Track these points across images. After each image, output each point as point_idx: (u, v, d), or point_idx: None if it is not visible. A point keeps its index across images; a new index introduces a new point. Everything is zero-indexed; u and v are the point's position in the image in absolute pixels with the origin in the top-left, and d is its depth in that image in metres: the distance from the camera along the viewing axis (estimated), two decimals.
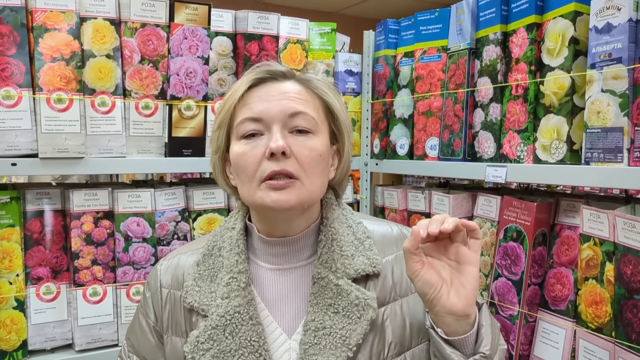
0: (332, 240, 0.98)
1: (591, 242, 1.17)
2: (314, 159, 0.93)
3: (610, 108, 1.11)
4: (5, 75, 1.30)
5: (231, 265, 0.97)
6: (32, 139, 1.34)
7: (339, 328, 0.92)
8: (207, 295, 0.96)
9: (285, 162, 0.91)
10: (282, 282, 0.99)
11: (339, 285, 0.94)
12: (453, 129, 1.53)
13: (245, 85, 0.95)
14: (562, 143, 1.23)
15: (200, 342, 0.93)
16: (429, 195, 1.63)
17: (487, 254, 1.42)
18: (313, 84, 0.99)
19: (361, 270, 0.96)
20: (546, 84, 1.27)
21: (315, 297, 0.95)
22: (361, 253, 0.99)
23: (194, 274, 1.00)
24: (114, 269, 1.47)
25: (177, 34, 1.50)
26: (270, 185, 0.91)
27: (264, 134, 0.93)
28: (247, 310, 0.94)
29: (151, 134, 1.50)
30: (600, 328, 1.16)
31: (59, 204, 1.44)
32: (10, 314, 1.35)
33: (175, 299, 1.01)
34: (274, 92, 0.95)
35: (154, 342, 1.02)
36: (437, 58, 1.62)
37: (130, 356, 1.04)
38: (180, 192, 1.56)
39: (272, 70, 0.97)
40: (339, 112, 1.00)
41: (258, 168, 0.92)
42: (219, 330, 0.93)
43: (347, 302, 0.93)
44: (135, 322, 1.06)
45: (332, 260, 0.96)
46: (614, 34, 1.10)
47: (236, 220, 1.03)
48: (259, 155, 0.92)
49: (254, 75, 0.97)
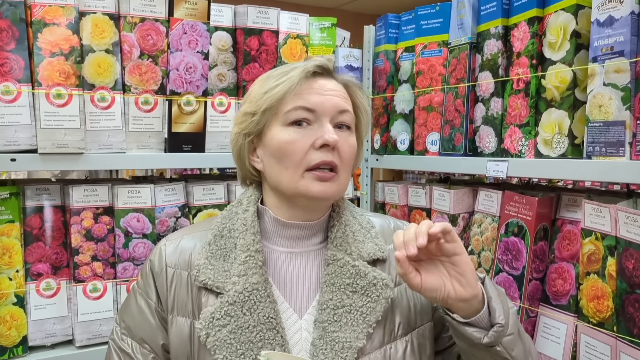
0: (345, 226, 1.04)
1: (593, 237, 1.17)
2: (352, 154, 1.02)
3: (612, 102, 1.10)
4: (4, 71, 1.30)
5: (247, 245, 0.99)
6: (32, 135, 1.33)
7: (359, 306, 0.97)
8: (221, 274, 0.98)
9: (332, 154, 0.97)
10: (294, 265, 1.03)
11: (356, 266, 0.99)
12: (454, 124, 1.53)
13: (301, 77, 0.98)
14: (564, 137, 1.23)
15: (216, 319, 0.94)
16: (429, 191, 1.62)
17: (488, 249, 1.42)
18: (350, 88, 1.05)
19: (372, 254, 1.03)
20: (547, 78, 1.26)
21: (331, 277, 0.99)
22: (369, 240, 1.06)
23: (205, 253, 1.01)
24: (114, 265, 1.46)
25: (176, 29, 1.49)
26: (316, 176, 0.97)
27: (311, 124, 0.98)
28: (265, 287, 0.97)
29: (151, 130, 1.50)
30: (601, 323, 1.15)
31: (59, 199, 1.44)
32: (10, 310, 1.35)
33: (181, 279, 1.02)
34: (327, 88, 1.00)
35: (154, 323, 1.03)
36: (437, 53, 1.62)
37: (124, 339, 1.04)
38: (180, 187, 1.56)
39: (323, 66, 1.02)
40: (365, 115, 1.08)
41: (305, 157, 0.97)
42: (237, 306, 0.95)
43: (365, 282, 0.99)
44: (132, 303, 1.06)
45: (347, 244, 1.02)
46: (616, 27, 1.10)
47: (249, 203, 1.05)
48: (307, 144, 0.97)
49: (308, 68, 1.00)
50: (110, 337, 1.07)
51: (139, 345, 1.03)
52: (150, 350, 1.02)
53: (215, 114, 1.57)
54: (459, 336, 0.97)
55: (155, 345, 1.02)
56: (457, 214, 1.52)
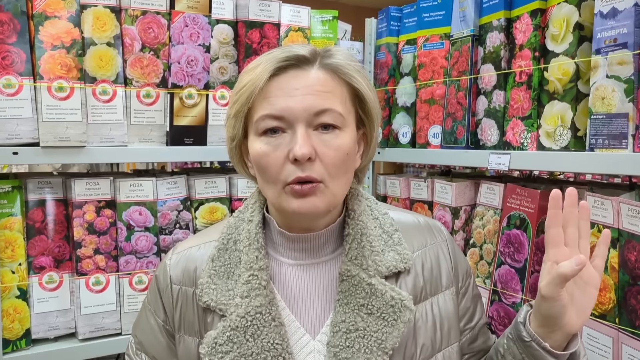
0: (361, 235, 0.92)
1: (595, 229, 1.17)
2: (340, 159, 0.87)
3: (615, 94, 1.10)
4: (5, 64, 1.29)
5: (250, 262, 0.90)
6: (34, 128, 1.33)
7: (374, 330, 0.87)
8: (224, 294, 0.90)
9: (310, 167, 0.84)
10: (305, 279, 0.94)
11: (372, 285, 0.89)
12: (456, 116, 1.53)
13: (266, 74, 0.86)
14: (566, 130, 1.23)
15: (219, 344, 0.87)
16: (431, 184, 1.62)
17: (490, 242, 1.42)
18: (341, 69, 0.89)
19: (393, 267, 0.92)
20: (550, 70, 1.26)
21: (344, 296, 0.90)
22: (391, 248, 0.94)
23: (209, 270, 0.93)
24: (117, 258, 1.46)
25: (178, 22, 1.49)
26: (294, 191, 0.85)
27: (286, 132, 0.86)
28: (269, 310, 0.88)
29: (152, 123, 1.50)
30: (603, 315, 1.15)
31: (61, 193, 1.44)
32: (13, 303, 1.35)
33: (187, 297, 0.95)
34: (297, 85, 0.86)
35: (164, 341, 0.97)
36: (439, 45, 1.61)
37: (138, 354, 0.99)
38: (182, 181, 1.56)
39: (293, 55, 0.87)
40: (369, 97, 0.92)
41: (281, 171, 0.86)
42: (240, 332, 0.87)
43: (381, 303, 0.88)
44: (143, 319, 1.01)
45: (363, 257, 0.90)
46: (620, 19, 1.09)
47: (253, 212, 0.96)
48: (281, 158, 0.85)
49: (274, 63, 0.86)
50: (126, 351, 1.03)
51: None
52: None
53: (217, 107, 1.57)
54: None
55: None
56: (459, 206, 1.52)
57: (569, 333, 0.88)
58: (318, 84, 0.86)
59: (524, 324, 0.91)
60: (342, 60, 0.90)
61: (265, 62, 0.87)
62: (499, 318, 1.35)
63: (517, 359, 0.91)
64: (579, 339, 0.91)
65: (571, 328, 0.87)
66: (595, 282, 0.87)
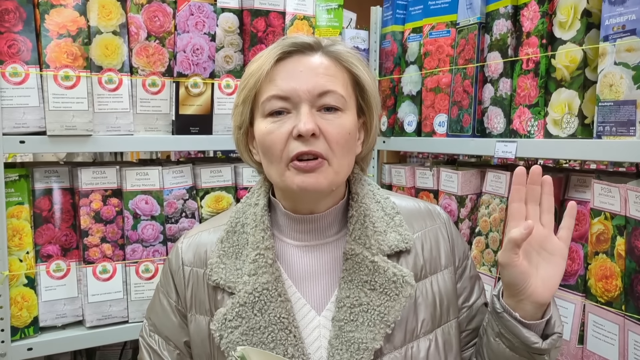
0: (364, 217, 0.96)
1: (602, 217, 1.17)
2: (343, 137, 0.91)
3: (623, 81, 1.10)
4: (12, 52, 1.29)
5: (257, 242, 0.95)
6: (40, 117, 1.33)
7: (377, 305, 0.91)
8: (232, 273, 0.95)
9: (314, 142, 0.88)
10: (310, 259, 0.98)
11: (375, 262, 0.93)
12: (462, 105, 1.52)
13: (272, 59, 0.90)
14: (574, 117, 1.22)
15: (228, 320, 0.91)
16: (437, 172, 1.62)
17: (496, 230, 1.42)
18: (342, 56, 0.94)
19: (394, 247, 0.96)
20: (557, 57, 1.25)
21: (349, 273, 0.94)
22: (392, 229, 0.98)
23: (218, 251, 0.98)
24: (123, 246, 1.47)
25: (183, 10, 1.48)
26: (298, 167, 0.89)
27: (291, 112, 0.90)
28: (276, 286, 0.92)
29: (158, 112, 1.50)
30: (610, 302, 1.16)
31: (67, 182, 1.44)
32: (21, 291, 1.36)
33: (198, 277, 0.99)
34: (302, 68, 0.91)
35: (176, 321, 1.01)
36: (445, 33, 1.61)
37: (152, 335, 1.03)
38: (187, 170, 1.56)
39: (298, 42, 0.92)
40: (368, 85, 0.96)
41: (285, 148, 0.90)
42: (248, 307, 0.91)
43: (384, 279, 0.92)
44: (156, 301, 1.05)
45: (366, 237, 0.95)
46: (628, 5, 1.09)
47: (259, 196, 1.01)
48: (285, 135, 0.89)
49: (280, 48, 0.91)
50: (140, 333, 1.06)
51: (164, 342, 1.02)
52: (175, 347, 1.01)
53: (222, 96, 1.57)
54: (507, 336, 0.91)
55: (178, 343, 1.01)
56: (465, 195, 1.52)
57: (537, 302, 0.90)
58: (321, 67, 0.91)
59: (497, 296, 0.95)
60: (343, 49, 0.95)
61: (271, 49, 0.92)
62: None
63: (495, 330, 0.95)
64: (553, 309, 0.93)
65: (538, 297, 0.90)
66: (561, 252, 0.92)
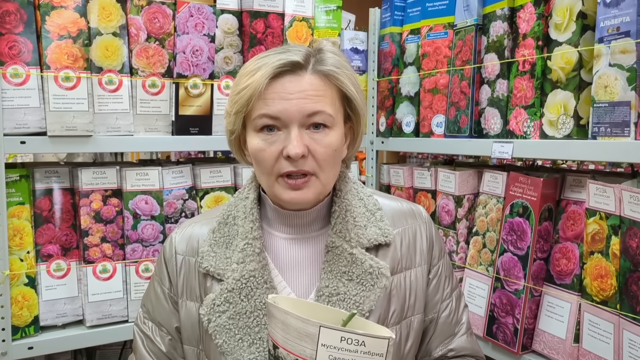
0: (345, 212, 1.02)
1: (597, 217, 1.18)
2: (329, 155, 0.96)
3: (617, 82, 1.11)
4: (13, 53, 1.31)
5: (246, 232, 1.00)
6: (41, 117, 1.35)
7: (353, 294, 0.97)
8: (222, 261, 1.00)
9: (302, 162, 0.94)
10: (296, 251, 1.03)
11: (353, 254, 0.98)
12: (459, 105, 1.53)
13: (264, 80, 0.93)
14: (569, 118, 1.24)
15: (217, 305, 0.97)
16: (435, 173, 1.63)
17: (493, 230, 1.43)
18: (332, 75, 0.97)
19: (374, 240, 1.01)
20: (553, 59, 1.27)
21: (329, 264, 0.99)
22: (373, 224, 1.03)
23: (209, 240, 1.03)
24: (123, 246, 1.48)
25: (183, 12, 1.50)
26: (287, 184, 0.95)
27: (281, 130, 0.95)
28: (262, 274, 0.98)
29: (158, 113, 1.51)
30: (605, 301, 1.17)
31: (68, 182, 1.45)
32: (22, 291, 1.37)
33: (190, 265, 1.04)
34: (292, 90, 0.94)
35: (168, 308, 1.06)
36: (443, 35, 1.62)
37: (145, 322, 1.08)
38: (187, 170, 1.57)
39: (288, 62, 0.95)
40: (355, 97, 1.01)
41: (275, 164, 0.95)
42: (235, 293, 0.97)
43: (361, 270, 0.98)
44: (151, 289, 1.10)
45: (346, 230, 1.00)
46: (623, 8, 1.10)
47: (250, 190, 1.06)
48: (276, 154, 0.94)
49: (272, 69, 0.94)
50: (134, 322, 1.11)
51: (157, 328, 1.07)
52: (167, 333, 1.06)
53: (222, 96, 1.58)
54: None
55: (170, 328, 1.05)
56: (462, 195, 1.54)
57: None
58: (311, 89, 0.95)
59: None
60: (332, 66, 0.98)
61: (264, 67, 0.95)
62: (502, 305, 1.37)
63: None
64: None
65: None
66: None
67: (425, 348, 1.08)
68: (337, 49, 1.04)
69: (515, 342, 1.33)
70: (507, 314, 1.35)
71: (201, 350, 1.01)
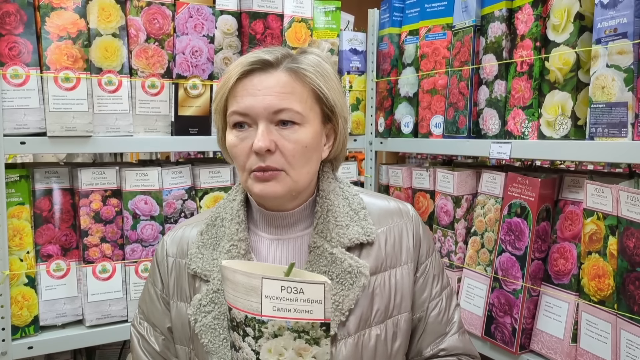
0: (327, 212, 1.03)
1: (595, 217, 1.19)
2: (299, 151, 0.97)
3: (615, 83, 1.12)
4: (12, 54, 1.31)
5: (232, 234, 1.02)
6: (41, 118, 1.35)
7: (333, 294, 0.97)
8: (209, 262, 1.02)
9: (269, 157, 0.95)
10: (281, 251, 1.05)
11: (333, 254, 1.00)
12: (458, 106, 1.54)
13: (235, 76, 0.97)
14: (567, 119, 1.24)
15: (203, 305, 0.99)
16: (433, 173, 1.64)
17: (491, 230, 1.44)
18: (301, 72, 0.98)
19: (355, 239, 1.02)
20: (551, 60, 1.27)
21: (310, 264, 1.01)
22: (356, 223, 1.04)
23: (197, 242, 1.05)
24: (123, 246, 1.48)
25: (182, 13, 1.50)
26: (256, 177, 0.97)
27: (252, 126, 0.97)
28: None
29: (158, 113, 1.51)
30: (602, 301, 1.17)
31: (67, 182, 1.46)
32: (22, 291, 1.38)
33: (180, 267, 1.06)
34: (260, 87, 0.96)
35: (160, 308, 1.08)
36: (442, 36, 1.62)
37: (141, 322, 1.11)
38: (186, 170, 1.57)
39: (258, 60, 0.97)
40: (330, 96, 1.01)
41: (247, 160, 0.97)
42: (220, 294, 0.99)
43: (340, 270, 0.99)
44: (145, 291, 1.12)
45: (327, 230, 1.01)
46: (620, 9, 1.10)
47: (237, 192, 1.08)
48: (247, 149, 0.97)
49: (241, 66, 0.97)
50: (131, 322, 1.14)
51: (151, 328, 1.09)
52: (160, 333, 1.08)
53: None
54: None
55: (163, 329, 1.08)
56: (460, 195, 1.54)
57: None
58: (278, 86, 0.96)
59: None
60: (306, 65, 0.99)
61: (236, 66, 0.98)
62: (500, 305, 1.37)
63: None
64: None
65: None
66: None
67: (416, 347, 1.08)
68: (324, 52, 1.05)
69: (514, 342, 1.33)
70: (505, 314, 1.36)
71: (192, 350, 1.03)
